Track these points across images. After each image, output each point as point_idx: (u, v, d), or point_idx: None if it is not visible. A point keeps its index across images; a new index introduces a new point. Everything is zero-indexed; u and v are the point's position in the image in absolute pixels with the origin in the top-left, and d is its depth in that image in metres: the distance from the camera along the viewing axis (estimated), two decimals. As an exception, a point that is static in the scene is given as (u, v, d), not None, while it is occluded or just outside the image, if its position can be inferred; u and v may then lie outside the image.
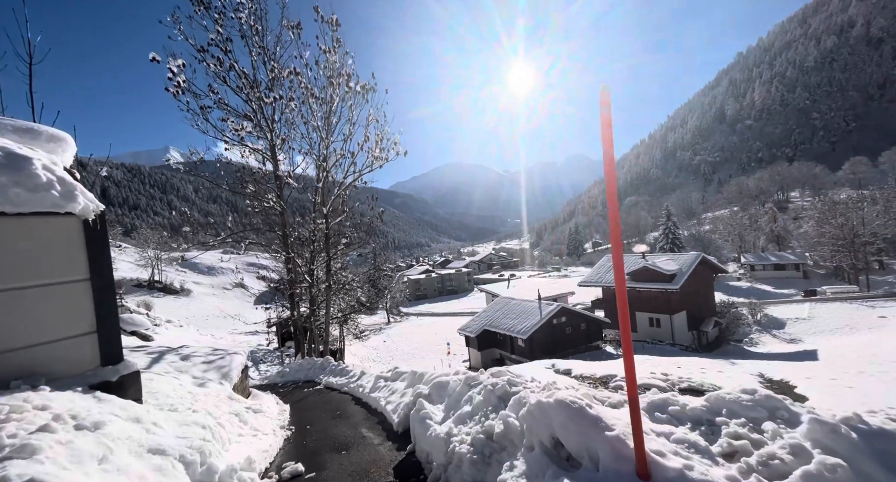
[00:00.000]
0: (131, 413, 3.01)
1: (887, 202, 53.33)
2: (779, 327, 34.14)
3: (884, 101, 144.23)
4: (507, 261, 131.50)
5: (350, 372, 8.46)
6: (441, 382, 4.55)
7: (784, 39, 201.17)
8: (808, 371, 18.37)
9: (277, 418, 5.60)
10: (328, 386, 8.54)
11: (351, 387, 7.34)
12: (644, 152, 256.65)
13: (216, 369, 5.79)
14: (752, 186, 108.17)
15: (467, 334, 31.19)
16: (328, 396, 7.61)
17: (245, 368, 6.89)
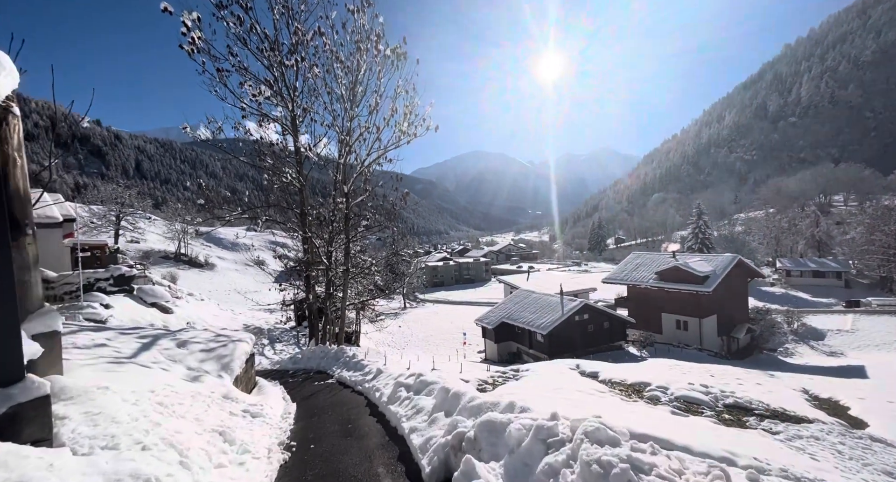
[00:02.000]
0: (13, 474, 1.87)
1: (947, 210, 49.04)
2: (818, 338, 31.99)
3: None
4: (527, 253, 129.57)
5: (366, 367, 7.73)
6: (493, 424, 3.42)
7: (839, 31, 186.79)
8: (858, 390, 16.80)
9: (279, 425, 4.86)
10: (341, 381, 7.87)
11: (366, 388, 6.59)
12: (675, 148, 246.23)
13: (216, 359, 5.11)
14: (792, 188, 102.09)
15: (484, 325, 30.44)
16: (340, 396, 6.87)
17: (251, 357, 6.22)
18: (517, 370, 16.76)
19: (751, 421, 9.34)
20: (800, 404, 12.75)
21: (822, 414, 11.99)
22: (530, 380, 13.33)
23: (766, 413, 10.15)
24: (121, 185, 56.73)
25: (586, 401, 9.26)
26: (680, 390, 11.20)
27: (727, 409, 10.13)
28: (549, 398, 9.42)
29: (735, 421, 9.22)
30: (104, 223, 51.24)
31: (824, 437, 8.36)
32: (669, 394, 11.06)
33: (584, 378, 13.88)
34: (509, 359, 28.93)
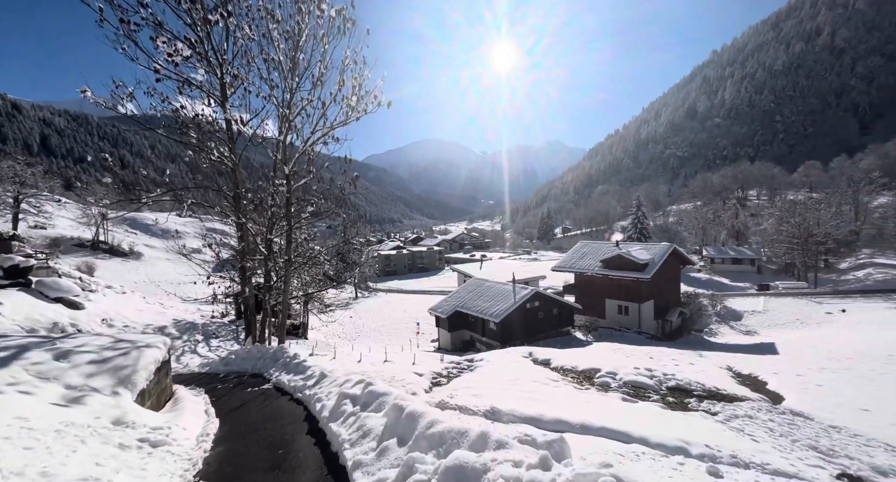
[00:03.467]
0: None
1: (839, 206, 56.43)
2: (736, 319, 35.49)
3: (838, 109, 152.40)
4: (480, 241, 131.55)
5: (308, 369, 6.89)
6: (464, 472, 2.54)
7: (757, 41, 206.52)
8: (772, 365, 18.65)
9: (189, 455, 3.90)
10: (279, 386, 6.96)
11: (306, 395, 5.76)
12: (617, 143, 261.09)
13: (111, 372, 4.10)
14: (716, 182, 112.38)
15: (438, 314, 30.18)
16: (275, 406, 5.96)
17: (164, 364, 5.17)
18: (472, 360, 16.61)
19: (692, 402, 9.82)
20: (728, 382, 13.78)
21: (747, 390, 13.02)
22: (485, 370, 13.18)
23: (704, 394, 10.78)
24: (20, 162, 48.82)
25: (544, 393, 9.18)
26: (628, 375, 11.58)
27: (670, 392, 10.61)
28: (508, 392, 9.23)
29: (679, 403, 9.63)
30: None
31: (756, 415, 8.95)
32: (618, 379, 11.40)
33: (537, 366, 14.01)
34: (463, 347, 29.00)
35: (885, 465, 6.73)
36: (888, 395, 14.04)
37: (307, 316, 35.80)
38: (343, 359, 21.46)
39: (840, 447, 7.56)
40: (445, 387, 10.90)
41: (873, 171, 71.78)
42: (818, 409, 10.90)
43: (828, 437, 8.10)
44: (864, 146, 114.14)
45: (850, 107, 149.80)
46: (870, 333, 26.78)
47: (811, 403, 11.67)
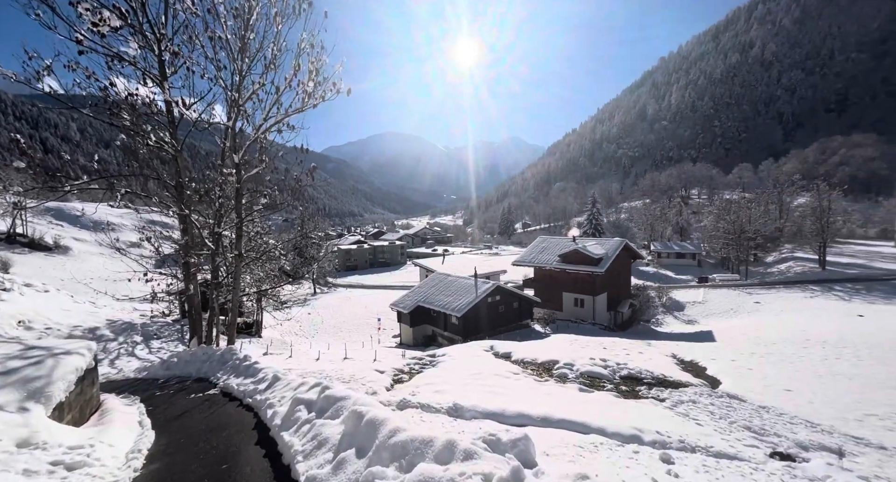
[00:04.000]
0: None
1: (766, 205, 62.15)
2: (680, 309, 38.15)
3: (767, 117, 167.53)
4: (442, 236, 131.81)
5: (259, 372, 6.42)
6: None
7: (699, 50, 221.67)
8: (711, 352, 20.19)
9: (114, 476, 3.38)
10: (227, 391, 6.44)
11: (257, 401, 5.32)
12: (575, 141, 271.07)
13: (18, 385, 3.54)
14: (662, 182, 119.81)
15: (400, 310, 29.88)
16: (222, 414, 5.46)
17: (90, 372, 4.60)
18: (434, 355, 16.56)
19: (642, 390, 10.37)
20: (673, 369, 14.72)
21: (689, 376, 13.98)
22: (448, 365, 13.16)
23: (653, 381, 11.43)
24: None
25: (505, 386, 9.28)
26: (584, 366, 12.03)
27: (623, 381, 11.14)
28: (470, 387, 9.23)
29: (631, 391, 10.13)
30: None
31: (698, 400, 9.60)
32: (575, 370, 11.81)
33: (498, 359, 14.20)
34: (425, 342, 28.95)
35: (806, 441, 7.44)
36: (805, 376, 15.66)
37: (261, 313, 34.15)
38: (300, 358, 20.66)
39: (769, 426, 8.27)
40: (407, 385, 10.75)
41: (794, 175, 79.70)
42: (749, 391, 11.90)
43: (759, 417, 8.84)
44: (787, 151, 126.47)
45: (776, 115, 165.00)
46: (790, 321, 29.79)
47: (743, 386, 12.73)
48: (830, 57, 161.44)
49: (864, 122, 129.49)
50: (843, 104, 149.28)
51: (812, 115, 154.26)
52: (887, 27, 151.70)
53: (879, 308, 30.95)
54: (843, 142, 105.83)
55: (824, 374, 15.77)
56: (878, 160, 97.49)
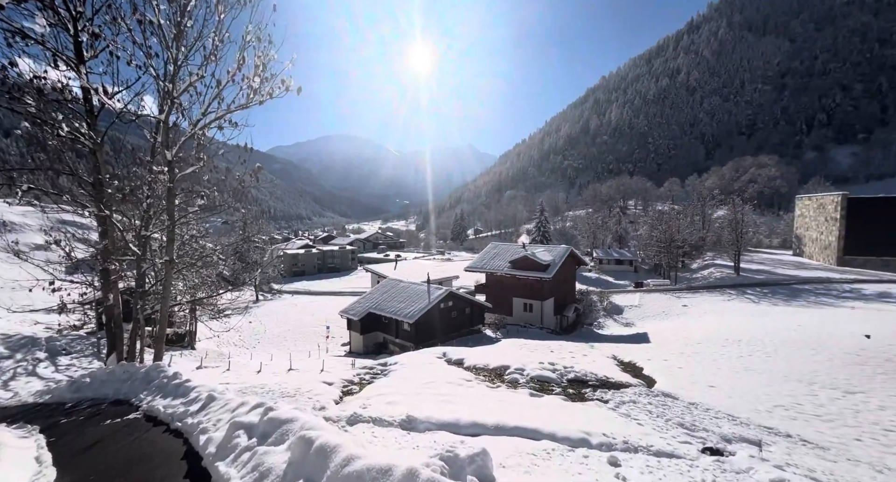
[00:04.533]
0: None
1: (692, 216, 68.59)
2: (618, 312, 40.68)
3: (692, 137, 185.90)
4: (394, 241, 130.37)
5: (192, 391, 5.76)
6: None
7: (635, 72, 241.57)
8: (646, 353, 21.68)
9: None
10: (151, 414, 5.71)
11: (188, 425, 4.70)
12: (524, 151, 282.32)
13: None
14: (604, 192, 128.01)
15: (350, 317, 28.95)
16: (144, 442, 4.74)
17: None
18: (385, 364, 16.15)
19: (588, 392, 10.84)
20: (614, 371, 15.58)
21: (629, 376, 14.87)
22: (400, 374, 12.88)
23: (597, 383, 12.01)
24: None
25: (459, 394, 9.22)
26: (534, 370, 12.35)
27: (570, 384, 11.58)
28: (423, 396, 9.06)
29: (577, 394, 10.54)
30: None
31: (638, 399, 10.21)
32: (526, 375, 12.08)
33: (451, 366, 14.16)
34: (375, 349, 28.25)
35: (729, 434, 8.16)
36: (725, 373, 17.30)
37: (195, 323, 31.44)
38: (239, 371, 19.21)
39: (699, 421, 8.98)
40: (358, 396, 10.34)
41: (714, 190, 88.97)
42: (680, 389, 12.88)
43: (690, 414, 9.58)
44: (708, 168, 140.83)
45: (699, 135, 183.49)
46: (712, 322, 32.89)
47: (675, 384, 13.77)
48: (742, 86, 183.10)
49: (768, 145, 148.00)
50: (752, 128, 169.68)
51: (728, 137, 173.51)
52: (786, 64, 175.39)
53: (782, 309, 35.17)
54: (753, 162, 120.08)
55: (740, 370, 17.52)
56: (779, 179, 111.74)
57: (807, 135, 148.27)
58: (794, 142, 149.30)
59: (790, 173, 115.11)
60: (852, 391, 13.89)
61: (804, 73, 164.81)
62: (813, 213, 58.82)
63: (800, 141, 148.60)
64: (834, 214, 51.87)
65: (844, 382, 14.94)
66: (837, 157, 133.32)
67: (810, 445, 8.49)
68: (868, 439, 9.74)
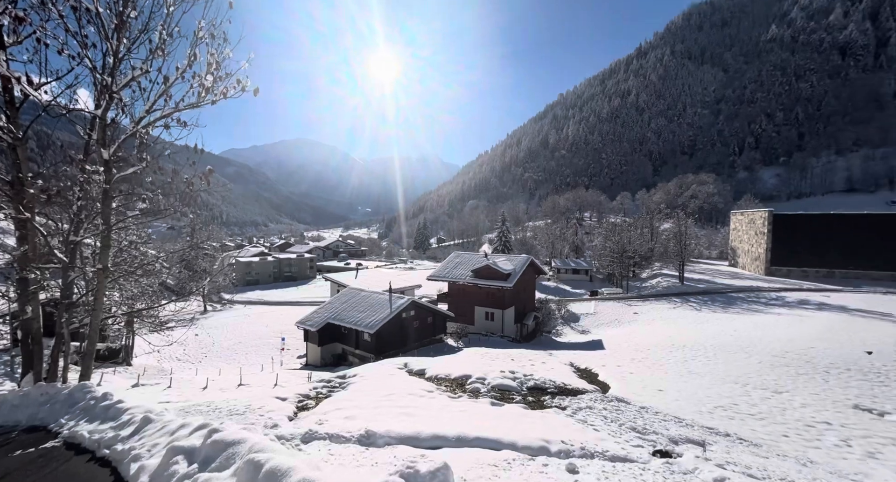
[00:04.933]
0: None
1: (642, 228, 72.92)
2: (575, 320, 42.14)
3: (641, 154, 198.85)
4: (356, 249, 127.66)
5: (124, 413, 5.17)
6: None
7: (590, 92, 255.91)
8: (601, 359, 22.57)
9: None
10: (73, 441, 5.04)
11: (118, 452, 4.15)
12: (487, 162, 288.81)
13: None
14: (562, 204, 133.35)
15: (307, 328, 27.82)
16: (62, 474, 4.06)
17: None
18: (344, 376, 15.60)
19: (547, 399, 11.04)
20: (572, 377, 16.03)
21: (585, 383, 15.35)
22: (359, 387, 12.46)
23: (556, 390, 12.27)
24: None
25: (420, 406, 9.04)
26: (495, 379, 12.42)
27: (530, 392, 11.75)
28: (383, 409, 8.79)
29: (537, 402, 10.70)
30: None
31: (594, 405, 10.54)
32: (487, 384, 12.12)
33: (412, 377, 13.92)
34: (334, 361, 27.28)
35: (677, 436, 8.59)
36: (672, 376, 18.35)
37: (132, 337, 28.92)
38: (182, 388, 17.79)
39: (649, 425, 9.40)
40: (314, 412, 9.86)
41: (661, 204, 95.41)
42: (632, 394, 13.46)
43: (641, 418, 10.01)
44: (655, 184, 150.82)
45: (647, 153, 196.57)
46: (660, 328, 34.90)
47: (627, 389, 14.38)
48: (684, 110, 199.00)
49: (707, 164, 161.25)
50: (693, 148, 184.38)
51: (673, 156, 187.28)
52: (721, 91, 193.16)
53: (720, 315, 38.02)
54: (694, 179, 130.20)
55: (685, 374, 18.66)
56: (716, 195, 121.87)
57: (739, 156, 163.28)
58: (729, 162, 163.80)
59: (725, 190, 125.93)
60: (780, 391, 15.18)
61: (736, 100, 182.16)
62: (744, 227, 64.46)
63: (733, 161, 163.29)
64: (762, 229, 57.15)
65: (773, 383, 16.31)
66: (764, 177, 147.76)
67: (746, 443, 9.14)
68: (794, 435, 10.65)
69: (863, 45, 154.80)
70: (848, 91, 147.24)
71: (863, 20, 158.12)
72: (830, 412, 12.65)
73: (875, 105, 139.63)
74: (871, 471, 8.25)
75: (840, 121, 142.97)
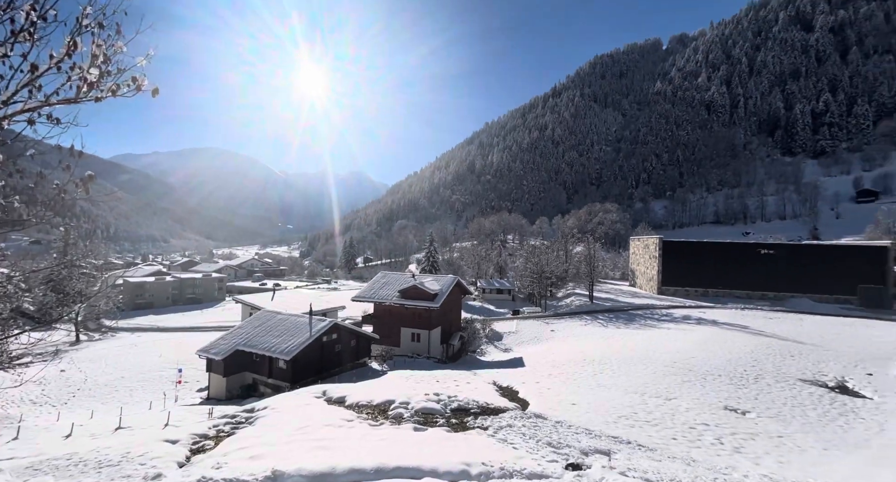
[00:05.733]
0: None
1: (557, 251, 79.00)
2: (498, 339, 43.50)
3: (556, 183, 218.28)
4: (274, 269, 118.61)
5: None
6: None
7: (513, 123, 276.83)
8: (522, 376, 23.45)
9: None
10: None
11: None
12: (416, 183, 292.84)
13: None
14: (487, 226, 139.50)
15: (211, 356, 24.73)
16: None
17: None
18: (252, 410, 14.06)
19: (470, 420, 11.08)
20: (494, 396, 16.36)
21: (506, 401, 15.76)
22: (270, 421, 11.29)
23: (479, 410, 12.39)
24: None
25: (338, 437, 8.43)
26: (419, 403, 12.15)
27: (454, 414, 11.70)
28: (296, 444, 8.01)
29: (460, 424, 10.67)
30: None
31: (514, 423, 10.83)
32: (410, 408, 11.79)
33: (331, 406, 13.02)
34: (242, 393, 24.52)
35: (587, 447, 9.17)
36: (583, 390, 19.71)
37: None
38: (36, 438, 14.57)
39: (563, 438, 9.90)
40: (212, 454, 8.65)
41: (573, 229, 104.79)
42: (549, 409, 14.13)
43: (556, 432, 10.51)
44: (569, 210, 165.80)
45: (562, 182, 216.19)
46: (573, 345, 37.54)
47: (544, 404, 15.07)
48: (592, 146, 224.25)
49: (611, 195, 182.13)
50: (600, 180, 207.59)
51: (583, 186, 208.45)
52: (620, 132, 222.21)
53: (623, 331, 42.21)
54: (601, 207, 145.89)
55: (595, 386, 20.16)
56: (619, 223, 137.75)
57: (636, 188, 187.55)
58: (628, 193, 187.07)
59: (626, 218, 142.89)
60: (670, 397, 17.13)
61: (632, 140, 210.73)
62: (641, 251, 73.34)
63: (631, 193, 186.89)
64: (654, 253, 65.55)
65: (665, 390, 18.36)
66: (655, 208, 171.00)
67: (644, 449, 10.06)
68: (680, 437, 12.02)
69: (721, 104, 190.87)
70: (713, 140, 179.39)
71: (720, 85, 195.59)
72: (707, 414, 14.56)
73: (731, 153, 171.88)
74: (737, 463, 9.60)
75: (708, 164, 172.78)
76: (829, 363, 24.31)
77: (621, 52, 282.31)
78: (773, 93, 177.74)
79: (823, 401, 17.13)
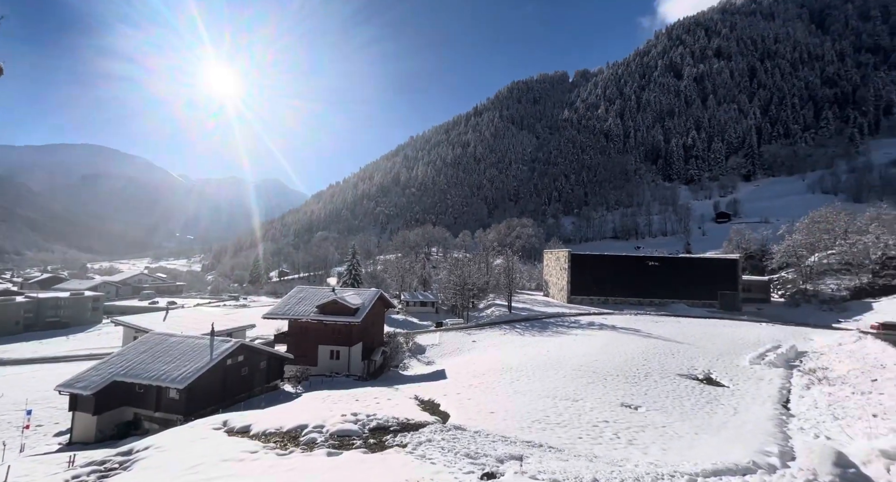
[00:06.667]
0: None
1: (479, 264, 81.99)
2: (421, 352, 43.34)
3: (478, 198, 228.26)
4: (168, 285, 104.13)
5: None
6: None
7: (437, 139, 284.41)
8: (443, 388, 23.57)
9: None
10: None
11: None
12: (339, 193, 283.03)
13: None
14: (411, 239, 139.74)
15: (76, 392, 20.63)
16: None
17: None
18: (130, 451, 11.96)
19: (389, 439, 10.75)
20: (415, 411, 16.17)
21: (427, 415, 15.66)
22: (151, 463, 9.69)
23: (398, 427, 12.10)
24: None
25: (235, 475, 7.52)
26: (335, 425, 11.46)
27: (372, 434, 11.25)
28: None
29: (378, 444, 10.29)
30: None
31: (433, 437, 10.77)
32: (325, 432, 11.06)
33: (232, 437, 11.64)
34: (119, 433, 20.82)
35: (502, 454, 9.49)
36: (501, 398, 20.45)
37: None
38: None
39: (481, 448, 10.12)
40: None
41: (494, 242, 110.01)
42: (468, 420, 14.37)
43: (475, 442, 10.71)
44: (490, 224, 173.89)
45: (483, 197, 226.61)
46: (493, 354, 38.94)
47: (464, 415, 15.30)
48: (510, 164, 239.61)
49: (527, 211, 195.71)
50: (517, 197, 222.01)
51: (503, 201, 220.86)
52: (534, 153, 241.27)
53: (538, 339, 45.02)
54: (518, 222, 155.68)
55: (512, 394, 21.06)
56: (534, 237, 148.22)
57: (548, 205, 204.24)
58: (542, 210, 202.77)
59: (540, 233, 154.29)
60: (577, 399, 18.59)
61: (545, 161, 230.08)
62: (553, 263, 79.53)
63: (544, 210, 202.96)
64: (564, 265, 71.56)
65: (573, 393, 19.89)
66: (565, 224, 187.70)
67: (554, 450, 10.73)
68: (585, 435, 13.07)
69: (617, 133, 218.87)
70: (611, 164, 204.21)
71: (616, 117, 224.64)
72: (608, 411, 16.09)
73: (625, 177, 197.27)
74: (630, 455, 10.73)
75: (608, 186, 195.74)
76: (699, 359, 28.64)
77: (534, 80, 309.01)
78: (656, 127, 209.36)
79: (695, 391, 20.07)
